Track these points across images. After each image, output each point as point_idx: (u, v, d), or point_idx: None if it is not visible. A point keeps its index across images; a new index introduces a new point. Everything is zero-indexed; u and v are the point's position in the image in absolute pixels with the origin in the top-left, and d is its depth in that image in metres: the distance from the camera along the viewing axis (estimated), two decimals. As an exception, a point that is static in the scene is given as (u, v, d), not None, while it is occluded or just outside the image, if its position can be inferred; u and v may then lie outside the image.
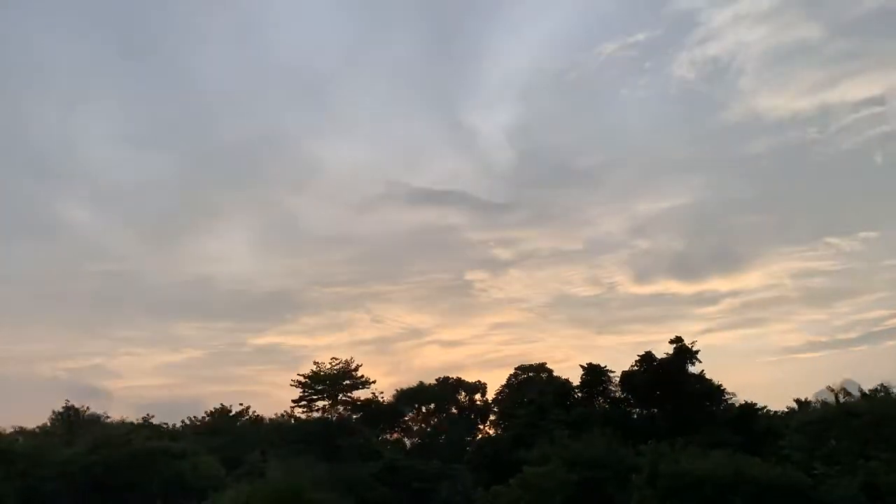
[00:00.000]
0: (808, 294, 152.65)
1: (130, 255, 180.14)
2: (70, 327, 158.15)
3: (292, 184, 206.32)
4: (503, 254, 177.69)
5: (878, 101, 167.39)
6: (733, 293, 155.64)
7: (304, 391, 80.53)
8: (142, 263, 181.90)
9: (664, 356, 62.07)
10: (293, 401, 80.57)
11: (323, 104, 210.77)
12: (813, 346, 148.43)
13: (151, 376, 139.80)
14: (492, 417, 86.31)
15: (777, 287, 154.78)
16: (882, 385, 48.00)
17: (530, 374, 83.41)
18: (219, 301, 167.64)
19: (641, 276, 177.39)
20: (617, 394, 66.20)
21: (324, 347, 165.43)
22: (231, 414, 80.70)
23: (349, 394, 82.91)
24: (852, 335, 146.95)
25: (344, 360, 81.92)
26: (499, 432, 73.97)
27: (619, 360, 65.14)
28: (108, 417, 67.86)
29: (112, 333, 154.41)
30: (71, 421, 67.14)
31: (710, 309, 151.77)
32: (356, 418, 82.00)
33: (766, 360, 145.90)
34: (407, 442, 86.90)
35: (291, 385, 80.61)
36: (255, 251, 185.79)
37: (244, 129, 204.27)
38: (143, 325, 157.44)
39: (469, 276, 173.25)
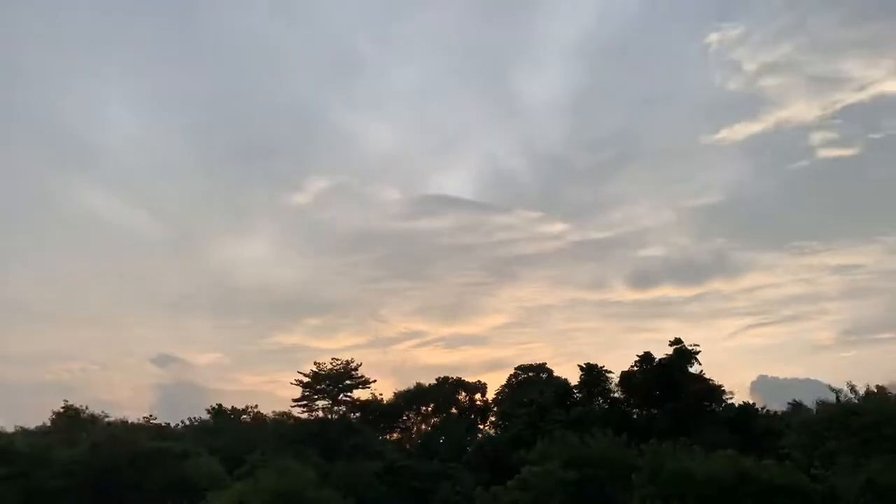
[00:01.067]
0: (845, 291, 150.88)
1: (151, 252, 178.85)
2: (84, 325, 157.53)
3: (318, 181, 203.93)
4: (525, 249, 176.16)
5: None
6: (765, 287, 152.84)
7: (304, 391, 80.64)
8: (162, 260, 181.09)
9: (664, 356, 62.27)
10: (294, 400, 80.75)
11: (355, 84, 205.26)
12: (846, 345, 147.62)
13: (160, 375, 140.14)
14: (492, 417, 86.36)
15: (812, 283, 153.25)
16: (881, 385, 47.98)
17: (530, 374, 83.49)
18: (235, 300, 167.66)
19: (668, 274, 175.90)
20: (616, 394, 66.37)
21: (341, 349, 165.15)
22: (232, 414, 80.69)
23: (349, 394, 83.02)
24: (887, 335, 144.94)
25: (344, 360, 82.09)
26: (499, 432, 74.02)
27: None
28: (108, 417, 67.81)
29: (127, 332, 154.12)
30: (71, 421, 67.11)
31: (739, 304, 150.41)
32: (356, 418, 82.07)
33: (802, 356, 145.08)
34: (407, 442, 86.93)
35: (292, 384, 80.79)
36: (274, 250, 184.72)
37: (272, 115, 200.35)
38: (159, 322, 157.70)
39: (482, 277, 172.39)
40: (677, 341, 62.00)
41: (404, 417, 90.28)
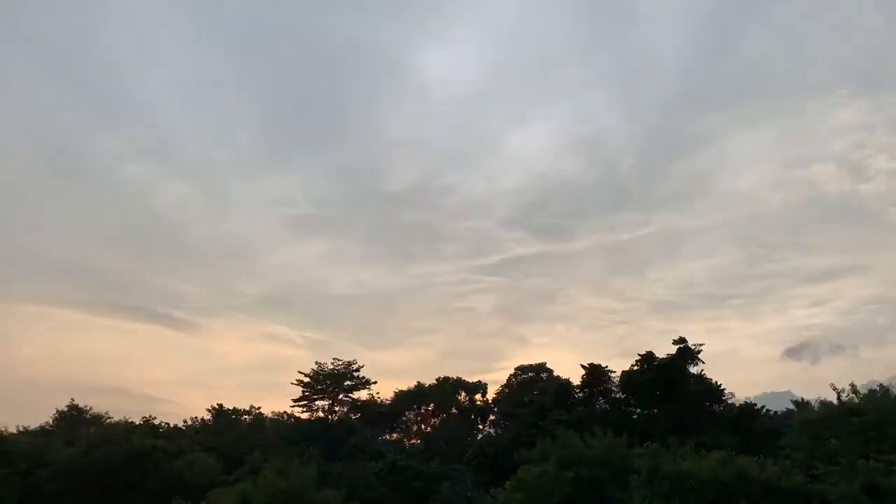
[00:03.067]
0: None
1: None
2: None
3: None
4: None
5: None
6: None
7: (304, 391, 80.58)
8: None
9: (665, 356, 62.09)
10: (294, 400, 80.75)
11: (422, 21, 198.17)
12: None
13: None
14: (492, 417, 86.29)
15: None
16: (882, 385, 47.89)
17: (530, 374, 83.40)
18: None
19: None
20: (617, 394, 66.18)
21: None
22: (232, 414, 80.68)
23: (350, 394, 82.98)
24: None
25: (345, 360, 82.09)
26: (499, 432, 73.94)
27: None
28: (110, 417, 67.89)
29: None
30: (73, 420, 67.20)
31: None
32: (356, 418, 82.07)
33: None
34: (407, 442, 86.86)
35: (293, 384, 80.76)
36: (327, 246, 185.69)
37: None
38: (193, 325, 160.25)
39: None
40: (681, 340, 61.69)
41: (404, 417, 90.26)
